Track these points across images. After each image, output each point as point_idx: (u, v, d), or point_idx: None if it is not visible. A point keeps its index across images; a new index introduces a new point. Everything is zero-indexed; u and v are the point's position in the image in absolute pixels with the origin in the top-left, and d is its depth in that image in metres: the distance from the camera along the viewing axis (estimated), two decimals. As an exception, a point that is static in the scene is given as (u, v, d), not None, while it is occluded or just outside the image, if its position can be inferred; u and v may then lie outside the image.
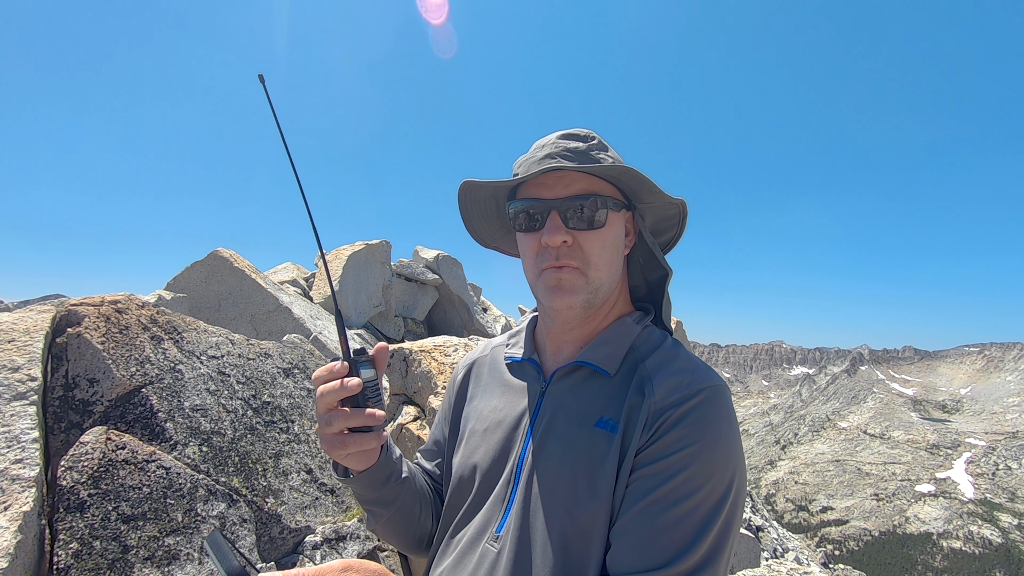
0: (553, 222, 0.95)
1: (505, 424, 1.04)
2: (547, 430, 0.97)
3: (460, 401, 1.20)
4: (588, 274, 0.97)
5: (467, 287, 10.46)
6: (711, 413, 0.87)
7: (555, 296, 0.97)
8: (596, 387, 0.98)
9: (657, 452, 0.85)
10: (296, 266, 8.95)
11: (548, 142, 1.00)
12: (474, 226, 1.16)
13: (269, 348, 3.58)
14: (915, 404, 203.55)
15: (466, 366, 1.25)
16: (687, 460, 0.83)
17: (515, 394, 1.08)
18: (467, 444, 1.09)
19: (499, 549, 0.92)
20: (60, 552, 1.93)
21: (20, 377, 2.25)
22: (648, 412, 0.89)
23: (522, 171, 1.00)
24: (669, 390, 0.90)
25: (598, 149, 0.99)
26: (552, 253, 0.96)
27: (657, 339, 1.03)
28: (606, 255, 0.98)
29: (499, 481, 1.00)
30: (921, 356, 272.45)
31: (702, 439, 0.85)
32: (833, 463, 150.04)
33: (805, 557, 5.73)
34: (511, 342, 1.18)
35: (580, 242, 0.96)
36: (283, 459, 2.94)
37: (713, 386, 0.90)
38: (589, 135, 1.01)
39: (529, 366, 1.10)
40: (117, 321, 2.71)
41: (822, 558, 10.72)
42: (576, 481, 0.90)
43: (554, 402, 1.00)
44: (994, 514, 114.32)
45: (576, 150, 0.98)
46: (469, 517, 1.02)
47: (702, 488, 0.82)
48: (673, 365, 0.95)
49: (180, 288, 6.13)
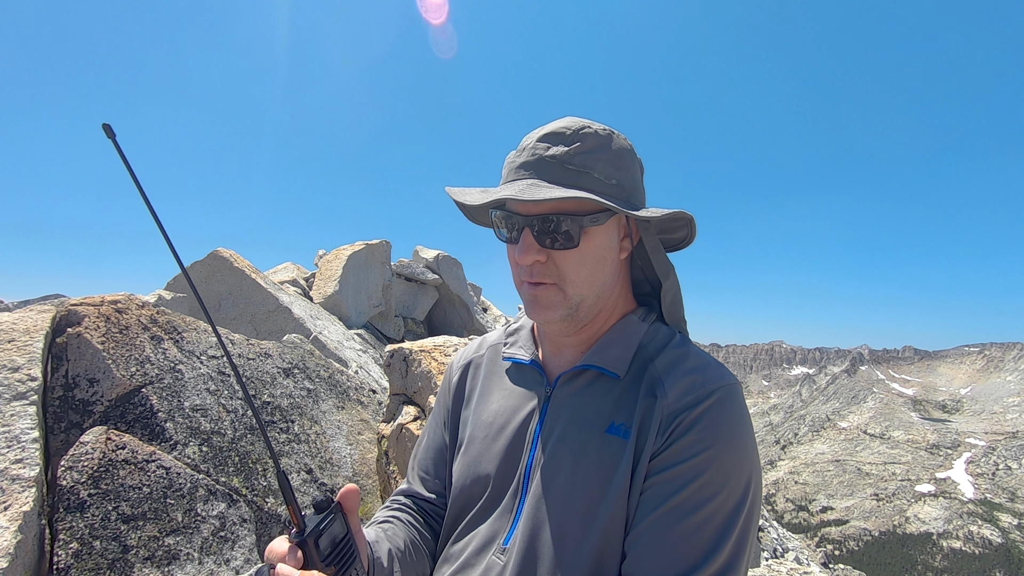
0: (525, 240, 0.88)
1: (509, 430, 0.99)
2: (556, 438, 0.92)
3: (457, 404, 1.13)
4: (566, 290, 0.91)
5: (467, 287, 10.46)
6: (726, 414, 0.85)
7: (533, 311, 0.93)
8: (605, 391, 0.93)
9: (672, 457, 0.83)
10: (296, 266, 8.95)
11: (527, 145, 0.90)
12: (475, 217, 1.08)
13: (269, 348, 3.58)
14: (915, 404, 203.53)
15: (461, 366, 1.17)
16: (703, 465, 0.81)
17: (518, 398, 1.02)
18: (468, 451, 1.03)
19: (506, 562, 0.88)
20: (60, 552, 1.93)
21: (20, 377, 2.25)
22: (661, 415, 0.86)
23: (505, 173, 0.93)
24: (682, 391, 0.86)
25: (585, 152, 0.88)
26: (527, 269, 0.91)
27: (665, 336, 0.98)
28: (585, 271, 0.91)
29: (506, 491, 0.95)
30: (921, 356, 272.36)
31: (717, 442, 0.82)
32: (833, 463, 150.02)
33: (805, 557, 5.73)
34: (509, 340, 1.11)
35: (555, 260, 0.89)
36: (283, 459, 2.94)
37: (726, 385, 0.87)
38: (576, 132, 0.89)
39: (531, 368, 1.04)
40: (117, 321, 2.71)
41: (822, 558, 10.71)
42: (589, 492, 0.86)
43: (561, 407, 0.95)
44: (994, 514, 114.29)
45: (555, 157, 0.87)
46: (473, 527, 0.97)
47: (719, 493, 0.80)
48: (684, 364, 0.91)
49: (180, 288, 6.13)
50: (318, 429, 3.30)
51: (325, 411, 3.49)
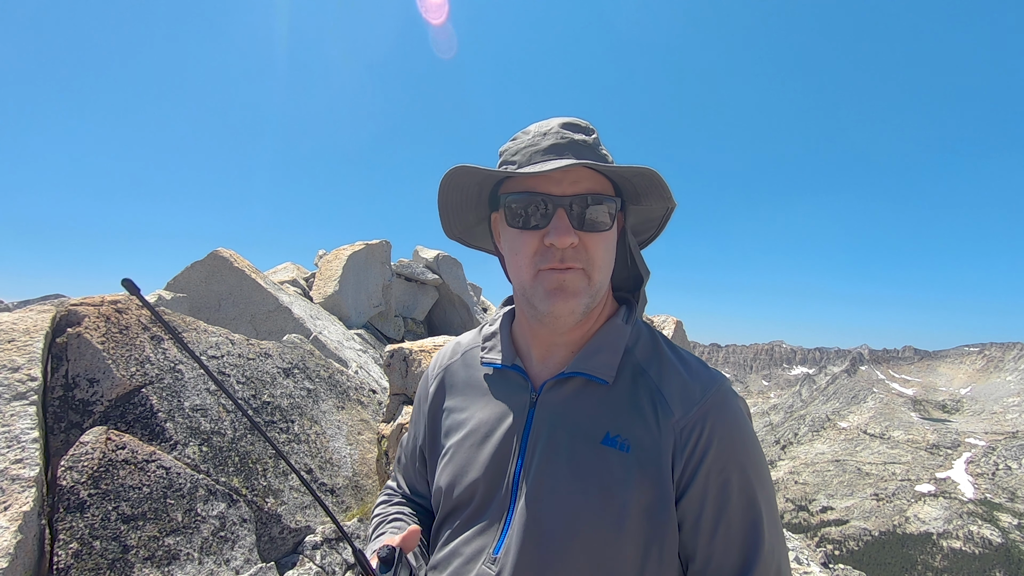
0: (561, 222, 0.87)
1: (496, 437, 0.96)
2: (547, 446, 0.90)
3: (436, 412, 1.10)
4: (592, 276, 0.90)
5: (467, 287, 10.46)
6: (731, 416, 0.89)
7: (556, 300, 0.89)
8: (596, 399, 0.92)
9: (702, 481, 0.85)
10: (296, 266, 8.95)
11: (550, 130, 0.91)
12: (447, 214, 1.05)
13: (269, 348, 3.58)
14: (915, 404, 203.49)
15: (438, 374, 1.14)
16: (733, 476, 0.86)
17: (500, 404, 0.99)
18: (454, 459, 1.00)
19: (497, 572, 0.87)
20: (60, 552, 1.93)
21: (20, 377, 2.25)
22: (675, 434, 0.86)
23: (521, 159, 0.90)
24: (685, 406, 0.88)
25: (600, 144, 0.94)
26: (557, 254, 0.88)
27: (648, 339, 0.99)
28: (608, 257, 0.92)
29: (494, 499, 0.93)
30: (921, 356, 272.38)
31: (735, 446, 0.87)
32: (833, 463, 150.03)
33: (805, 557, 5.73)
34: (487, 345, 1.07)
35: (585, 243, 0.89)
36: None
37: (719, 385, 0.91)
38: (590, 127, 0.95)
39: (513, 373, 1.01)
40: (117, 321, 2.71)
41: (822, 558, 10.71)
42: (585, 504, 0.85)
43: (550, 415, 0.93)
44: (994, 514, 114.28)
45: (583, 143, 0.91)
46: (459, 536, 0.95)
47: (756, 492, 0.87)
48: (677, 373, 0.92)
49: (180, 288, 6.12)
50: (318, 429, 3.30)
51: (325, 411, 3.49)
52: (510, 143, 0.95)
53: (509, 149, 0.94)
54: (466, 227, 1.10)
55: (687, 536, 0.86)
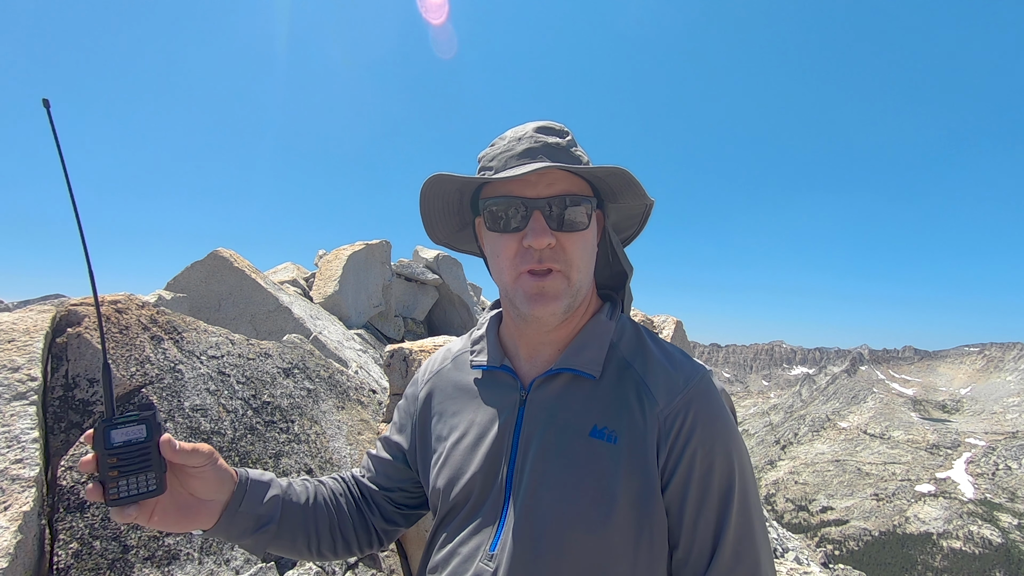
0: (537, 223, 0.89)
1: (489, 437, 0.98)
2: (538, 442, 0.92)
3: (425, 419, 1.12)
4: (571, 277, 0.92)
5: (467, 287, 10.47)
6: (714, 404, 0.91)
7: (536, 304, 0.91)
8: (583, 393, 0.95)
9: (686, 467, 0.87)
10: (296, 266, 8.95)
11: (525, 135, 0.95)
12: (431, 221, 1.08)
13: (269, 348, 3.58)
14: (915, 404, 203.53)
15: (427, 381, 1.16)
16: (717, 459, 0.89)
17: (491, 405, 1.02)
18: (448, 461, 1.02)
19: (494, 568, 0.88)
20: (60, 552, 1.93)
21: (20, 377, 2.25)
22: (658, 423, 0.89)
23: (497, 165, 0.94)
24: (669, 395, 0.91)
25: (574, 145, 0.96)
26: (535, 255, 0.91)
27: (632, 333, 1.02)
28: (587, 256, 0.95)
29: (488, 498, 0.95)
30: (921, 356, 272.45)
31: (721, 433, 0.90)
32: (833, 463, 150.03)
33: (805, 557, 5.73)
34: (475, 348, 1.10)
35: (563, 244, 0.91)
36: (283, 459, 2.94)
37: (702, 376, 0.94)
38: (564, 130, 0.97)
39: (503, 373, 1.03)
40: (117, 321, 2.71)
41: (822, 558, 10.72)
42: (584, 495, 0.87)
43: (539, 411, 0.95)
44: (994, 514, 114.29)
45: (557, 146, 0.93)
46: (456, 536, 0.97)
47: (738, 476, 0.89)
48: (661, 365, 0.95)
49: (180, 288, 6.13)
50: (318, 429, 3.30)
51: (325, 411, 3.49)
52: (488, 149, 0.99)
53: (487, 155, 0.98)
54: (451, 232, 1.13)
55: (673, 521, 0.88)
